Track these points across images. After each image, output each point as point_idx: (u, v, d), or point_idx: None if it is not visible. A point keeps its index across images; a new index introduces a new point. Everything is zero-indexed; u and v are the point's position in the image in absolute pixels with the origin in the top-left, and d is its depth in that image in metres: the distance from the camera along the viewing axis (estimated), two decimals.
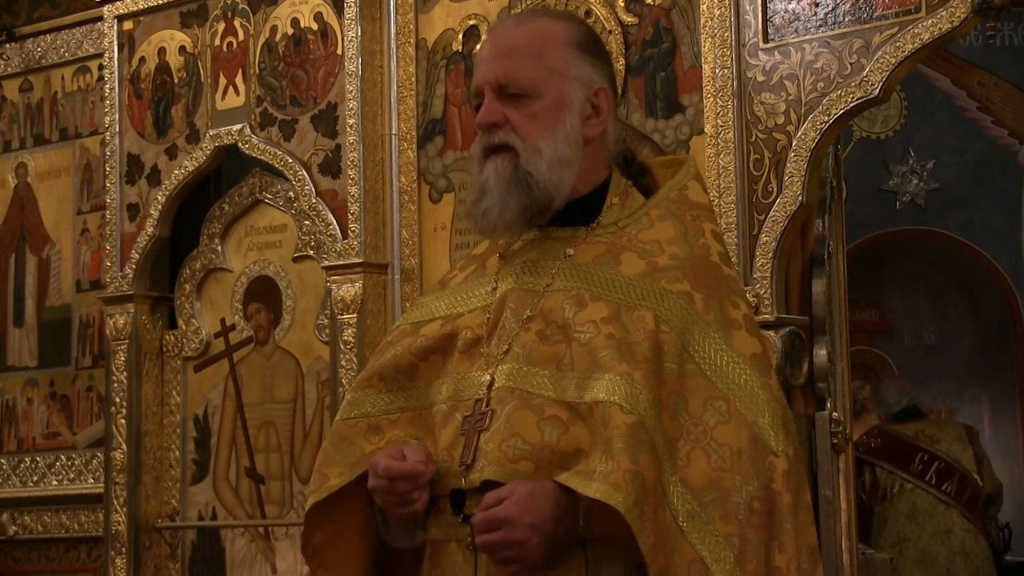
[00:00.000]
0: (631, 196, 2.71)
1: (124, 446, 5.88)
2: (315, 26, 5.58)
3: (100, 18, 6.19)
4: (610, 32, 4.92)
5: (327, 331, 5.49)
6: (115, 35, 6.07)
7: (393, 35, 5.43)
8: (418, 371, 2.71)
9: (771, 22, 4.66)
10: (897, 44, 4.41)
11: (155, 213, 5.90)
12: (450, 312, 2.73)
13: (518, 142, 2.60)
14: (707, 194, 2.77)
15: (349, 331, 5.34)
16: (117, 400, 5.91)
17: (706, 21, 4.74)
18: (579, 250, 2.65)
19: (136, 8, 6.02)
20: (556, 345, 2.55)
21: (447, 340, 2.69)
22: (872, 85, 4.46)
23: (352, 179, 5.39)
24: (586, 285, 2.60)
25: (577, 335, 2.54)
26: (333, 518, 2.70)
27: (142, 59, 6.01)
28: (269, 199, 5.79)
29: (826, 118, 4.52)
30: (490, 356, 2.61)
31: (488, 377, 2.59)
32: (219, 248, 5.89)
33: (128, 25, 6.06)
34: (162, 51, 5.96)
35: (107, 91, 6.09)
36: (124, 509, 5.85)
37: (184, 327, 5.95)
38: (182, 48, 5.91)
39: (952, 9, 4.34)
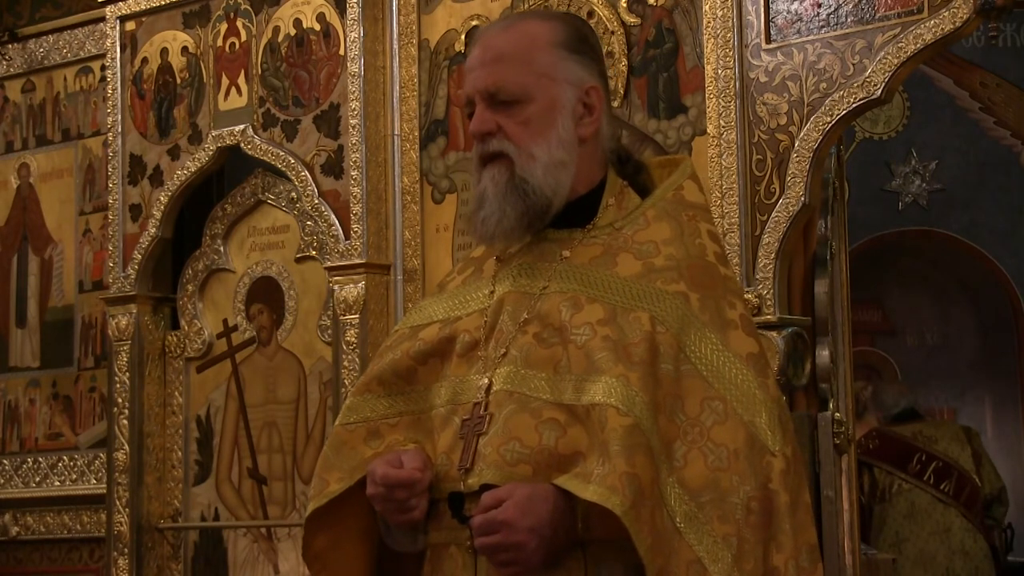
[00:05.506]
0: (627, 197, 2.70)
1: (126, 447, 5.88)
2: (317, 27, 5.57)
3: (102, 18, 6.19)
4: (612, 33, 4.92)
5: (329, 332, 5.49)
6: (117, 36, 6.07)
7: (395, 36, 5.42)
8: (417, 375, 2.70)
9: (773, 23, 4.65)
10: (899, 45, 4.41)
11: (157, 214, 5.90)
12: (448, 316, 2.72)
13: (512, 149, 2.60)
14: (704, 194, 2.76)
15: (351, 332, 5.34)
16: (119, 401, 5.92)
17: (708, 22, 4.73)
18: (575, 252, 2.64)
19: (138, 9, 6.02)
20: (553, 348, 2.55)
21: (445, 343, 2.68)
22: (874, 86, 4.45)
23: (354, 180, 5.39)
24: (582, 287, 2.59)
25: (574, 337, 2.53)
26: (334, 522, 2.70)
27: (144, 60, 6.01)
28: (271, 200, 5.79)
29: (828, 119, 4.52)
30: (488, 359, 2.60)
31: (486, 380, 2.58)
32: (221, 249, 5.89)
33: (130, 26, 6.06)
34: (164, 52, 5.96)
35: (109, 91, 6.09)
36: (126, 510, 5.85)
37: (186, 328, 5.95)
38: (184, 48, 5.91)
39: (955, 10, 4.33)
